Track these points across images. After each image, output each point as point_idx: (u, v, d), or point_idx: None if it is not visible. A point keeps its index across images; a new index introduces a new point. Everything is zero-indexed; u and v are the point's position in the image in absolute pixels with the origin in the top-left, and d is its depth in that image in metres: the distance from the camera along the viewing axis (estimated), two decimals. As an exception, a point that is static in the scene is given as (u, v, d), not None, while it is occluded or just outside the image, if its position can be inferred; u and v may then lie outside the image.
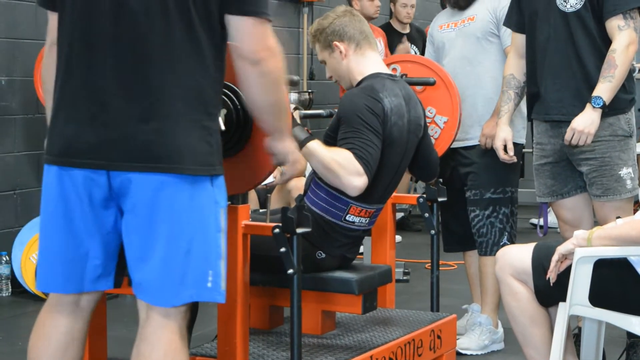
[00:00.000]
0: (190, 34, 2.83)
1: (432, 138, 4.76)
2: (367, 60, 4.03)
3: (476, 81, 4.93)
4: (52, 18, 2.97)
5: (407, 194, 6.16)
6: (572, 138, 4.26)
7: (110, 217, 2.89)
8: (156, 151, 2.79)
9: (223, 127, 3.34)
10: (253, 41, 2.88)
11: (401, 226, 8.62)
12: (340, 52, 4.01)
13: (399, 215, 8.49)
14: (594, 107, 4.21)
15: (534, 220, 8.85)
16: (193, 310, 4.43)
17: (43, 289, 3.00)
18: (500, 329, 4.96)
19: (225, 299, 2.93)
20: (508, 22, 4.71)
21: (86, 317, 3.01)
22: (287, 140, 3.16)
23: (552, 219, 8.86)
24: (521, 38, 4.59)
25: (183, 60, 2.82)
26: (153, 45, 2.81)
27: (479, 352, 4.88)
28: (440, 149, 4.66)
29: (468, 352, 4.85)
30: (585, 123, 4.23)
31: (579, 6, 4.32)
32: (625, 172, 4.34)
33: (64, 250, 2.92)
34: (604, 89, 4.21)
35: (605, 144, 4.32)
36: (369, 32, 4.08)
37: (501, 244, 4.83)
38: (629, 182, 4.35)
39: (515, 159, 4.69)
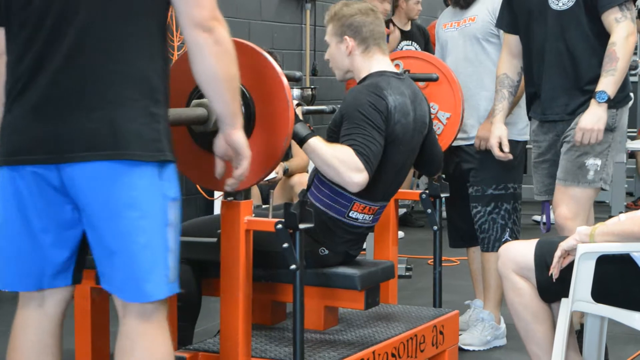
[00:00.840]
0: (132, 20, 2.80)
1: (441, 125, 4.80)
2: (372, 60, 4.02)
3: (478, 81, 4.94)
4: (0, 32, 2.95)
5: (409, 190, 6.16)
6: (582, 138, 4.24)
7: (67, 211, 2.86)
8: (102, 139, 2.75)
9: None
10: (205, 8, 2.82)
11: (404, 222, 8.63)
12: (347, 47, 4.01)
13: (402, 211, 8.50)
14: (598, 102, 4.20)
15: (537, 217, 8.85)
16: (195, 306, 4.44)
17: (2, 287, 2.99)
18: (503, 325, 4.96)
19: (172, 292, 2.88)
20: (500, 23, 4.71)
21: (54, 317, 2.98)
22: (241, 130, 3.03)
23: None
24: (514, 38, 4.60)
25: (125, 47, 2.79)
26: (95, 35, 2.78)
27: (482, 348, 4.89)
28: (443, 145, 4.65)
29: (470, 348, 4.86)
30: (592, 121, 4.22)
31: (571, 3, 4.31)
32: (592, 162, 4.30)
33: (19, 248, 2.90)
34: (607, 83, 4.20)
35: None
36: (384, 35, 4.06)
37: (503, 240, 4.84)
38: (592, 173, 4.31)
39: (510, 157, 4.68)
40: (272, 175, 6.20)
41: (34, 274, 2.93)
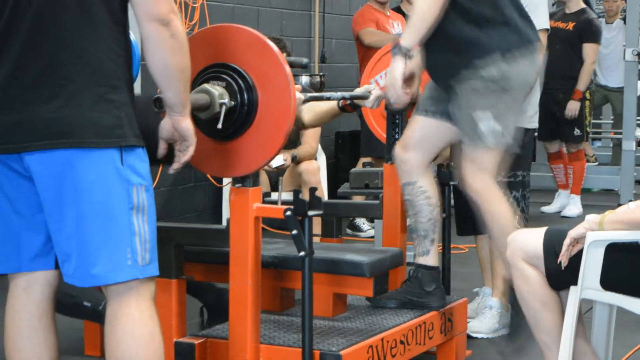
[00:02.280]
0: (86, 9, 2.83)
1: None
2: None
3: None
4: None
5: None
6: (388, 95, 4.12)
7: (35, 196, 2.90)
8: (59, 128, 2.79)
9: (220, 126, 3.34)
10: (164, 1, 2.86)
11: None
12: None
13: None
14: (393, 56, 4.03)
15: (545, 209, 8.83)
16: (214, 293, 4.48)
17: None
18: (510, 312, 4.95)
19: (145, 274, 2.90)
20: None
21: (41, 302, 3.02)
22: (189, 117, 3.08)
23: (577, 209, 8.86)
24: None
25: (79, 37, 2.82)
26: (49, 26, 2.82)
27: (490, 335, 4.88)
28: None
29: (479, 335, 4.86)
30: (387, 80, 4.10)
31: None
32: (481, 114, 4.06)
33: None
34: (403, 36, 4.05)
35: (465, 84, 4.06)
36: None
37: None
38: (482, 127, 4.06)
39: None
40: (281, 162, 6.21)
41: (10, 257, 2.98)
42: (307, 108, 4.57)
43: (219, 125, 3.35)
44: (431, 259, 4.24)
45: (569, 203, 8.77)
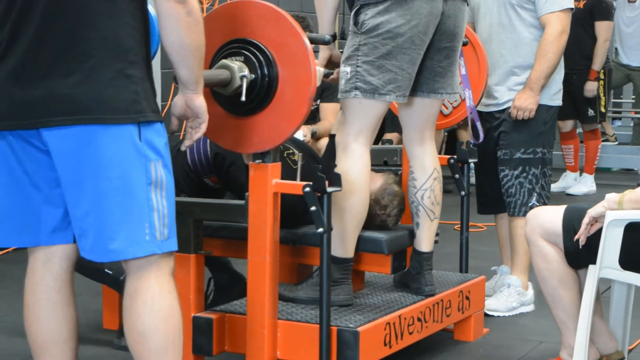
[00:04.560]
0: None
1: (450, 106, 4.76)
2: None
3: (512, 48, 4.90)
4: None
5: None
6: None
7: (54, 170, 2.91)
8: (77, 104, 2.80)
9: (244, 98, 3.35)
10: None
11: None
12: None
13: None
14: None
15: (571, 190, 8.79)
16: (228, 275, 4.49)
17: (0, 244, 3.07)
18: (531, 291, 4.94)
19: (163, 250, 2.91)
20: None
21: (59, 275, 3.04)
22: (202, 95, 3.07)
23: (585, 188, 8.85)
24: None
25: (95, 11, 2.82)
26: (65, 1, 2.82)
27: (507, 314, 4.87)
28: (460, 115, 4.75)
29: (495, 314, 4.85)
30: None
31: None
32: (342, 70, 3.90)
33: (11, 205, 2.97)
34: None
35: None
36: None
37: (530, 204, 4.82)
38: (342, 82, 3.88)
39: None
40: (301, 137, 6.21)
41: (29, 230, 2.99)
42: None
43: (243, 98, 3.34)
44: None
45: (576, 183, 8.77)
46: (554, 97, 4.95)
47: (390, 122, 7.50)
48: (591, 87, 8.27)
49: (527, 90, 4.82)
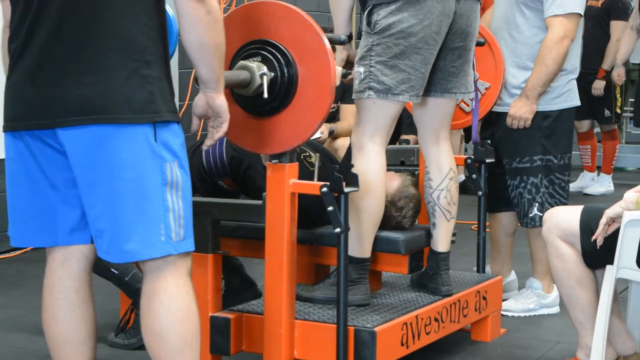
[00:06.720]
0: None
1: (471, 104, 4.67)
2: None
3: (512, 47, 4.79)
4: (4, 4, 3.02)
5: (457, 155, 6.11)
6: None
7: (70, 171, 2.92)
8: (92, 104, 2.80)
9: (266, 95, 3.36)
10: None
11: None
12: None
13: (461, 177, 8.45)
14: None
15: (588, 190, 8.76)
16: (240, 279, 4.50)
17: (17, 244, 3.07)
18: (555, 293, 4.87)
19: (179, 250, 2.91)
20: None
21: (78, 275, 3.05)
22: (223, 94, 3.07)
23: (603, 188, 8.82)
24: None
25: (111, 11, 2.82)
26: (81, 1, 2.82)
27: (522, 315, 4.82)
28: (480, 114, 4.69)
29: (509, 314, 4.80)
30: None
31: None
32: (356, 70, 3.90)
33: (29, 206, 2.98)
34: None
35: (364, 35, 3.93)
36: None
37: (530, 215, 4.74)
38: (356, 82, 3.87)
39: None
40: (318, 135, 6.20)
41: (46, 230, 3.00)
42: None
43: (265, 95, 3.35)
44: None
45: (593, 183, 8.75)
46: (554, 101, 4.80)
47: (407, 126, 7.50)
48: (598, 86, 8.25)
49: (522, 99, 4.70)
